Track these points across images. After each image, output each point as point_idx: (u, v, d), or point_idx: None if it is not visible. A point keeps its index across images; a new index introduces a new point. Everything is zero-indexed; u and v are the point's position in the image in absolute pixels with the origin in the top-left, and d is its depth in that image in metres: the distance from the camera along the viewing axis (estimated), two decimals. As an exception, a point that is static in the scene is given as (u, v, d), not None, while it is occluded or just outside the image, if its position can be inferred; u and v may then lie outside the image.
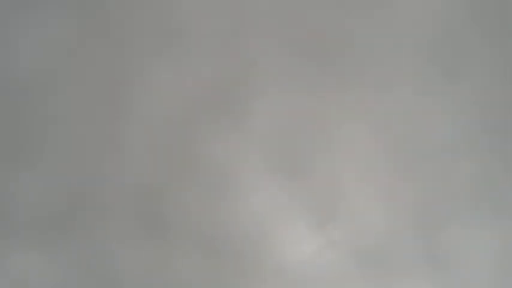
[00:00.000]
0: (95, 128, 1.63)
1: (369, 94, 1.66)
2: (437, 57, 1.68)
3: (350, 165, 1.64)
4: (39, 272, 1.58)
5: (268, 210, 1.62)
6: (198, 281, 1.60)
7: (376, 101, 1.66)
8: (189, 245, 1.60)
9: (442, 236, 1.62)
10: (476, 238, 1.63)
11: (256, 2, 1.68)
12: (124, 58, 1.65)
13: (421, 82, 1.67)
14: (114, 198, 1.61)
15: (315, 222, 1.62)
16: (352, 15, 1.68)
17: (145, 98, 1.64)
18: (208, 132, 1.64)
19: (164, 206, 1.61)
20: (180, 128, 1.63)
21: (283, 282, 1.60)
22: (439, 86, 1.67)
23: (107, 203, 1.60)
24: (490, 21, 1.69)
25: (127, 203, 1.61)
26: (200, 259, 1.60)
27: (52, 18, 1.65)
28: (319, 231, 1.62)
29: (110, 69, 1.64)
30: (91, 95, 1.64)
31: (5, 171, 1.60)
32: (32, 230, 1.59)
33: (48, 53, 1.65)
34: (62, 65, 1.64)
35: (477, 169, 1.65)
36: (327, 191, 1.63)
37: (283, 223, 1.62)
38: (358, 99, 1.66)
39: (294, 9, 1.68)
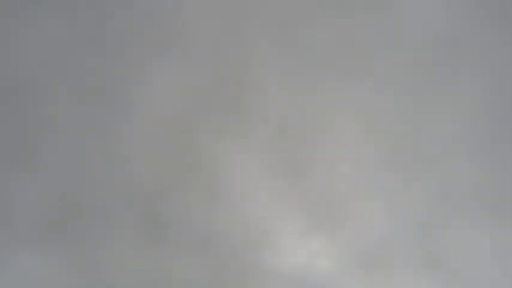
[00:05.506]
0: (94, 130, 1.63)
1: (369, 95, 1.66)
2: (437, 58, 1.68)
3: (350, 166, 1.64)
4: (39, 272, 1.59)
5: (268, 210, 1.62)
6: (197, 281, 1.60)
7: (376, 102, 1.66)
8: (188, 246, 1.60)
9: (442, 236, 1.63)
10: (476, 238, 1.63)
11: (255, 3, 1.68)
12: (123, 59, 1.65)
13: (421, 82, 1.67)
14: (114, 199, 1.61)
15: (315, 223, 1.62)
16: (351, 16, 1.68)
17: (144, 99, 1.64)
18: (208, 133, 1.64)
19: (164, 207, 1.61)
20: (179, 129, 1.63)
21: (282, 282, 1.61)
22: (438, 86, 1.67)
23: (106, 205, 1.60)
24: (490, 22, 1.69)
25: (127, 205, 1.61)
26: (200, 260, 1.60)
27: (51, 19, 1.65)
28: (319, 232, 1.62)
29: (109, 70, 1.64)
30: (90, 97, 1.64)
31: (5, 173, 1.60)
32: (32, 231, 1.59)
33: (47, 54, 1.64)
34: (61, 67, 1.64)
35: (477, 169, 1.65)
36: (326, 191, 1.63)
37: (283, 223, 1.62)
38: (358, 100, 1.66)
39: (293, 11, 1.68)
